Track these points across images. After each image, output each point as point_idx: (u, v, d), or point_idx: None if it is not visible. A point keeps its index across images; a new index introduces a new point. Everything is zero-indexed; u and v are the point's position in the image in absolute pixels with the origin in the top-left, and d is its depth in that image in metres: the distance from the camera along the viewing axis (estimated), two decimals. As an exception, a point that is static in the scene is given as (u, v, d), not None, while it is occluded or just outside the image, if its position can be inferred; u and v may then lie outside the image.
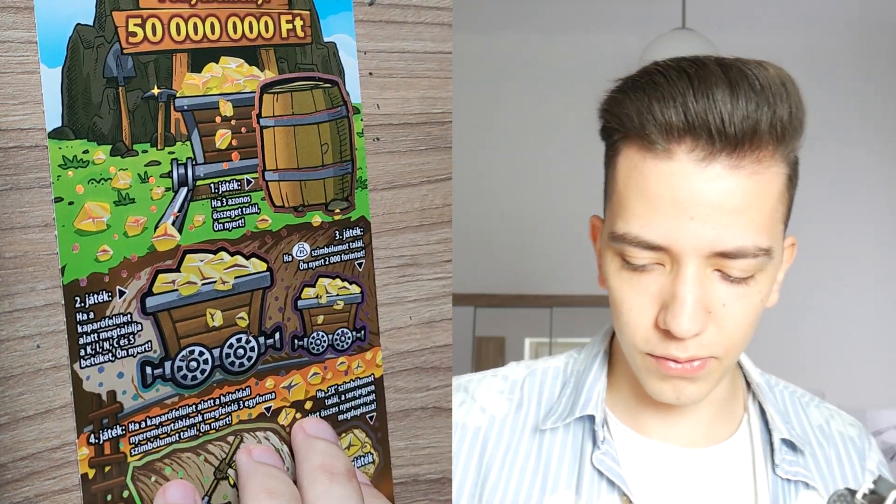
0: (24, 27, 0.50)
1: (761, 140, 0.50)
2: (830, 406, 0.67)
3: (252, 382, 0.57)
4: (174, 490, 0.54)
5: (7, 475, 0.51)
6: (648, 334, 0.53)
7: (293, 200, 0.58)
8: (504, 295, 2.59)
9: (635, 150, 0.52)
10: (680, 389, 0.54)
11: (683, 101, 0.49)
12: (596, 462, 0.57)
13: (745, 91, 0.49)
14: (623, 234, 0.52)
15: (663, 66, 0.52)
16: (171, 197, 0.54)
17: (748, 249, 0.50)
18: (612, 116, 0.53)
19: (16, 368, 0.51)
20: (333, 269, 0.60)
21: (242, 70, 0.56)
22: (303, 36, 0.58)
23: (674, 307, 0.51)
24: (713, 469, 0.59)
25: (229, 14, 0.55)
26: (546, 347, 2.55)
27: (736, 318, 0.52)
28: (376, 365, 0.62)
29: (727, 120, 0.49)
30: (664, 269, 0.52)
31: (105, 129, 0.52)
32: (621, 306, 0.54)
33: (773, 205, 0.52)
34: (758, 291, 0.52)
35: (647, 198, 0.51)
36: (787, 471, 0.59)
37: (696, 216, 0.50)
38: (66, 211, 0.51)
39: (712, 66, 0.51)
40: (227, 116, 0.56)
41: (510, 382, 0.64)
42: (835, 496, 0.45)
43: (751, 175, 0.50)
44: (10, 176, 0.50)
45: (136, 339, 0.53)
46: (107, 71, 0.52)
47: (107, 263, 0.52)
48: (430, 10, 0.62)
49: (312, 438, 0.58)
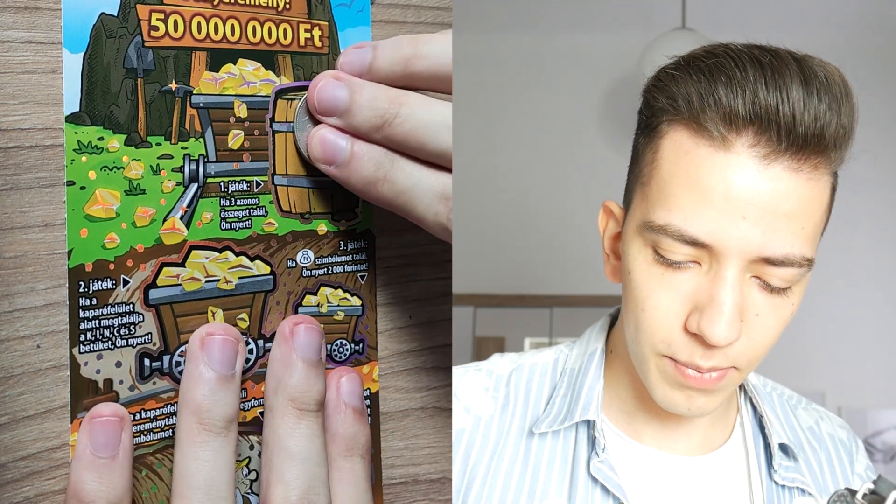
0: (24, 27, 0.50)
1: (826, 145, 0.47)
2: (819, 408, 0.65)
3: (248, 385, 0.57)
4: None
5: (7, 475, 0.50)
6: (673, 337, 0.50)
7: (300, 207, 0.59)
8: (504, 295, 2.57)
9: (686, 135, 0.48)
10: (692, 400, 0.51)
11: (754, 90, 0.46)
12: (593, 470, 0.55)
13: (817, 89, 0.46)
14: (663, 226, 0.48)
15: (733, 49, 0.48)
16: (181, 191, 0.54)
17: (794, 258, 0.48)
18: (664, 95, 0.50)
19: (16, 368, 0.50)
20: (336, 278, 0.60)
21: (259, 73, 0.57)
22: (320, 46, 0.59)
23: (711, 311, 0.48)
24: (709, 478, 0.57)
25: (250, 18, 0.56)
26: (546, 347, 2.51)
27: (766, 329, 0.50)
28: (373, 380, 0.62)
29: (798, 118, 0.45)
30: (701, 269, 0.49)
31: (121, 118, 0.52)
32: (646, 303, 0.50)
33: (822, 216, 0.49)
34: (791, 304, 0.50)
35: (696, 189, 0.47)
36: (784, 476, 0.57)
37: (748, 216, 0.46)
38: (78, 195, 0.51)
39: (786, 56, 0.47)
40: (241, 118, 0.56)
41: (495, 378, 0.61)
42: (835, 496, 0.45)
43: (808, 181, 0.47)
44: (10, 176, 0.50)
45: (136, 330, 0.53)
46: (127, 62, 0.53)
47: (113, 251, 0.52)
48: (430, 10, 0.63)
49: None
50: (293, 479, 0.53)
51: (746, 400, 0.61)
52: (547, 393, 0.59)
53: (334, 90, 0.55)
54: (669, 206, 0.48)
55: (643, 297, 0.50)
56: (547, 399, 0.59)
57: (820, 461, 0.61)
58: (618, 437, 0.58)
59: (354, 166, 0.55)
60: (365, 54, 0.56)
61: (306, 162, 0.58)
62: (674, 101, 0.49)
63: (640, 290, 0.51)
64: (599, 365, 0.59)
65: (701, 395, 0.51)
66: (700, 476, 0.57)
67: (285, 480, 0.53)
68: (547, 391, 0.59)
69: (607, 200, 0.58)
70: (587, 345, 0.60)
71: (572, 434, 0.57)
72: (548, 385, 0.60)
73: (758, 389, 0.61)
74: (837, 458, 0.62)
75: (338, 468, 0.56)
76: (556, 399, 0.58)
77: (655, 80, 0.51)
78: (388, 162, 0.55)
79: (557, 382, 0.60)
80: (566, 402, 0.58)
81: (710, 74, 0.47)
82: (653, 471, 0.57)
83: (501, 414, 0.59)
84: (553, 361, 0.61)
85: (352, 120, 0.55)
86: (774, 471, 0.57)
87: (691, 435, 0.58)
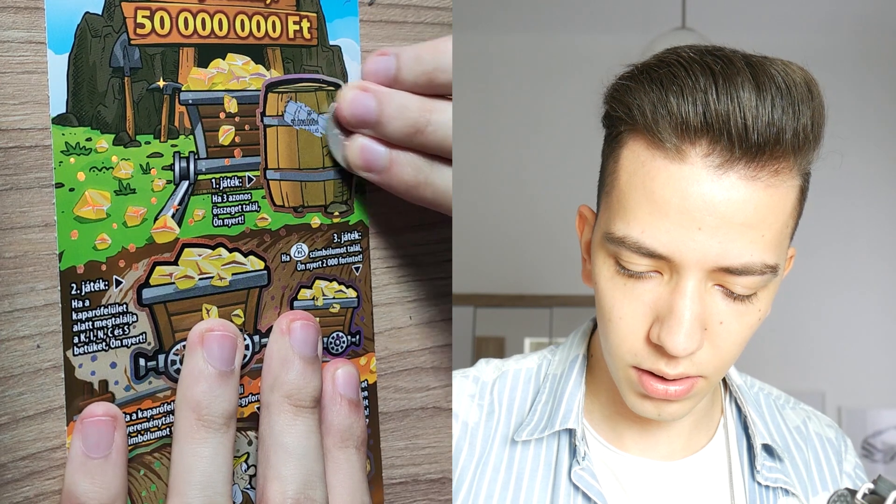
0: (24, 27, 0.50)
1: (783, 150, 0.46)
2: (806, 407, 0.64)
3: (245, 381, 0.57)
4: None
5: (7, 475, 0.50)
6: (638, 347, 0.50)
7: (293, 200, 0.58)
8: (504, 295, 2.58)
9: (643, 145, 0.48)
10: (661, 408, 0.52)
11: (704, 99, 0.45)
12: (574, 478, 0.55)
13: (771, 94, 0.45)
14: (622, 238, 0.48)
15: (684, 57, 0.47)
16: (171, 189, 0.54)
17: (754, 266, 0.47)
18: (621, 105, 0.49)
19: (16, 368, 0.50)
20: (331, 271, 0.60)
21: (248, 68, 0.56)
22: (309, 38, 0.58)
23: (670, 322, 0.47)
24: (690, 480, 0.57)
25: (237, 11, 0.56)
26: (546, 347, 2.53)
27: (731, 336, 0.49)
28: (370, 371, 0.62)
29: (751, 124, 0.45)
30: (662, 279, 0.49)
31: (109, 118, 0.52)
32: (611, 314, 0.50)
33: (785, 220, 0.48)
34: (757, 310, 0.50)
35: (652, 201, 0.47)
36: (766, 477, 0.57)
37: (703, 227, 0.46)
38: (67, 197, 0.51)
39: (738, 62, 0.47)
40: (232, 113, 0.56)
41: (480, 385, 0.61)
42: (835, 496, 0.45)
43: (766, 188, 0.46)
44: (10, 176, 0.50)
45: (130, 330, 0.53)
46: (113, 60, 0.52)
47: (105, 252, 0.52)
48: (430, 10, 0.63)
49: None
50: (290, 475, 0.53)
51: (731, 402, 0.60)
52: (530, 400, 0.59)
53: (364, 101, 0.56)
54: (628, 219, 0.48)
55: (609, 307, 0.51)
56: (530, 406, 0.59)
57: (807, 460, 0.60)
58: (599, 445, 0.58)
59: (395, 172, 0.56)
60: (389, 63, 0.56)
61: (298, 155, 0.58)
62: (629, 110, 0.49)
63: (606, 300, 0.51)
64: (580, 372, 0.59)
65: (671, 404, 0.51)
66: (681, 479, 0.57)
67: (282, 476, 0.53)
68: (531, 398, 0.59)
69: (582, 206, 0.57)
70: (569, 350, 0.61)
71: (554, 442, 0.57)
72: (531, 392, 0.60)
73: (742, 390, 0.60)
74: (825, 457, 0.61)
75: (333, 459, 0.56)
76: (538, 406, 0.58)
77: (613, 90, 0.51)
78: (427, 166, 0.56)
79: (540, 388, 0.60)
80: (547, 410, 0.58)
81: (661, 84, 0.47)
82: (634, 477, 0.57)
83: (487, 422, 0.59)
84: (536, 367, 0.61)
85: (384, 130, 0.55)
86: (757, 471, 0.57)
87: (672, 440, 0.58)
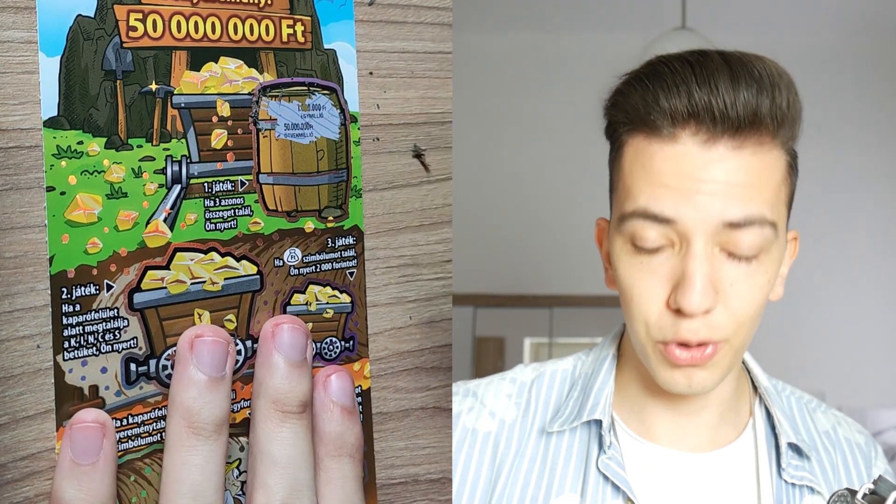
0: (24, 27, 0.50)
1: (762, 124, 0.52)
2: (837, 413, 0.67)
3: (237, 387, 0.57)
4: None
5: (7, 475, 0.50)
6: (660, 319, 0.54)
7: (286, 205, 0.58)
8: (504, 295, 2.58)
9: (642, 138, 0.54)
10: (691, 377, 0.54)
11: (687, 89, 0.52)
12: (601, 466, 0.58)
13: (745, 79, 0.52)
14: (631, 212, 0.53)
15: (667, 58, 0.54)
16: (163, 193, 0.54)
17: (755, 217, 0.52)
18: (618, 110, 0.55)
19: (16, 368, 0.50)
20: (324, 276, 0.60)
21: (241, 71, 0.56)
22: (303, 41, 0.58)
23: (684, 285, 0.52)
24: (717, 473, 0.59)
25: (230, 15, 0.55)
26: (546, 348, 2.54)
27: (744, 297, 0.53)
28: (364, 376, 0.62)
29: (729, 105, 0.51)
30: (673, 251, 0.53)
31: (101, 121, 0.52)
32: (631, 292, 0.54)
33: (777, 183, 0.53)
34: (764, 271, 0.53)
35: (653, 175, 0.53)
36: (792, 475, 0.59)
37: (702, 191, 0.51)
38: (58, 201, 0.51)
39: (714, 56, 0.53)
40: (224, 117, 0.56)
41: (518, 385, 0.64)
42: (835, 496, 0.45)
43: (753, 154, 0.52)
44: (10, 176, 0.50)
45: (121, 335, 0.53)
46: (105, 64, 0.52)
47: (96, 256, 0.52)
48: (430, 10, 0.63)
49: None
50: (275, 485, 0.53)
51: (761, 404, 0.63)
52: (565, 396, 0.63)
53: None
54: (634, 195, 0.54)
55: (629, 287, 0.55)
56: (564, 401, 0.63)
57: (834, 463, 0.62)
58: (629, 437, 0.60)
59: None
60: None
61: (291, 159, 0.57)
62: (626, 112, 0.54)
63: (626, 280, 0.55)
64: (610, 369, 0.62)
65: (699, 371, 0.54)
66: (708, 471, 0.59)
67: (267, 486, 0.53)
68: (565, 395, 0.63)
69: (599, 218, 0.62)
70: (601, 350, 0.64)
71: (586, 432, 0.60)
72: (566, 389, 0.63)
73: (770, 392, 0.62)
74: (853, 462, 0.63)
75: (325, 468, 0.56)
76: (570, 401, 0.62)
77: (610, 99, 0.56)
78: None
79: (573, 385, 0.63)
80: (578, 403, 0.61)
81: (650, 83, 0.53)
82: (663, 467, 0.59)
83: (524, 417, 0.62)
84: (572, 368, 0.65)
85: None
86: (783, 468, 0.59)
87: (700, 432, 0.60)
